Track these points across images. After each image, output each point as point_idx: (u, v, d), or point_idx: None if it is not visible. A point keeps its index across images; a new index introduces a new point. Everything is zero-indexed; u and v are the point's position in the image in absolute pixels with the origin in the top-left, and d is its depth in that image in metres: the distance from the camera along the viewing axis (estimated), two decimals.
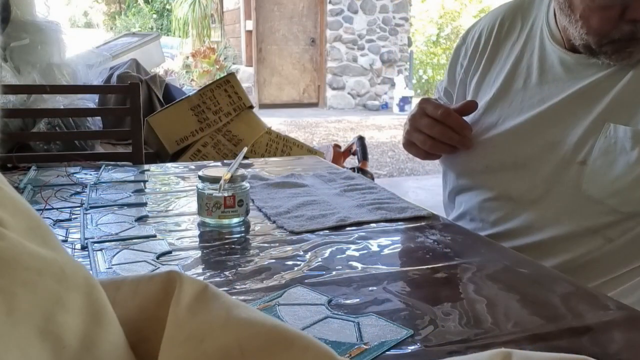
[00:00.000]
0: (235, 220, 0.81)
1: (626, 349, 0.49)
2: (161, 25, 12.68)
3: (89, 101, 2.06)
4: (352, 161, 3.13)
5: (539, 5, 0.92)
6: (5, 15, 1.92)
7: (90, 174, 1.12)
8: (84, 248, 0.71)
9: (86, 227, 0.78)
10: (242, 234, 0.78)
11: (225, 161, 1.50)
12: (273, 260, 0.68)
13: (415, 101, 1.17)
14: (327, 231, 0.79)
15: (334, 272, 0.64)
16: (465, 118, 0.88)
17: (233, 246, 0.73)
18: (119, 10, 14.08)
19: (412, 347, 0.47)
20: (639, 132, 0.73)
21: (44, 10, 2.22)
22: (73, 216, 0.84)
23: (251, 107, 1.99)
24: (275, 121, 6.94)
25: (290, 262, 0.67)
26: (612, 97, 0.77)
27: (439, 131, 0.86)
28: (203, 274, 0.64)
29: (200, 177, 0.81)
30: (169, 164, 1.34)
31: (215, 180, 0.80)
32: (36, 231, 0.28)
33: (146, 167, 1.23)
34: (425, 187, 4.28)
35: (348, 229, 0.80)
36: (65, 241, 0.73)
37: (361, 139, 2.95)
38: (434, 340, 0.49)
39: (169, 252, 0.70)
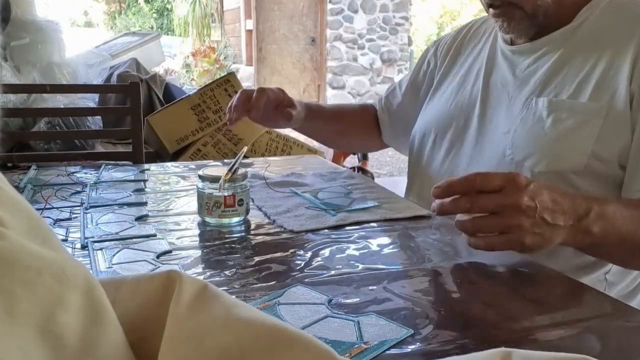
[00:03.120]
0: (236, 219, 0.81)
1: (625, 348, 0.49)
2: (161, 25, 12.67)
3: (89, 100, 2.06)
4: (352, 160, 3.13)
5: None
6: (5, 15, 1.92)
7: (90, 174, 1.12)
8: (84, 247, 0.71)
9: (86, 226, 0.78)
10: (242, 234, 0.78)
11: (225, 160, 1.50)
12: (273, 260, 0.68)
13: None
14: (327, 230, 0.79)
15: (334, 272, 0.64)
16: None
17: (233, 245, 0.73)
18: (119, 9, 14.07)
19: (412, 347, 0.47)
20: (552, 102, 0.84)
21: (44, 10, 2.22)
22: (73, 215, 0.84)
23: None
24: None
25: (290, 262, 0.67)
26: (538, 77, 0.88)
27: (238, 98, 1.08)
28: (203, 273, 0.64)
29: (200, 177, 0.81)
30: (169, 164, 1.34)
31: (215, 179, 0.80)
32: (36, 231, 0.28)
33: (146, 166, 1.23)
34: None
35: (348, 228, 0.80)
36: (65, 240, 0.73)
37: None
38: (434, 340, 0.49)
39: (169, 252, 0.70)
